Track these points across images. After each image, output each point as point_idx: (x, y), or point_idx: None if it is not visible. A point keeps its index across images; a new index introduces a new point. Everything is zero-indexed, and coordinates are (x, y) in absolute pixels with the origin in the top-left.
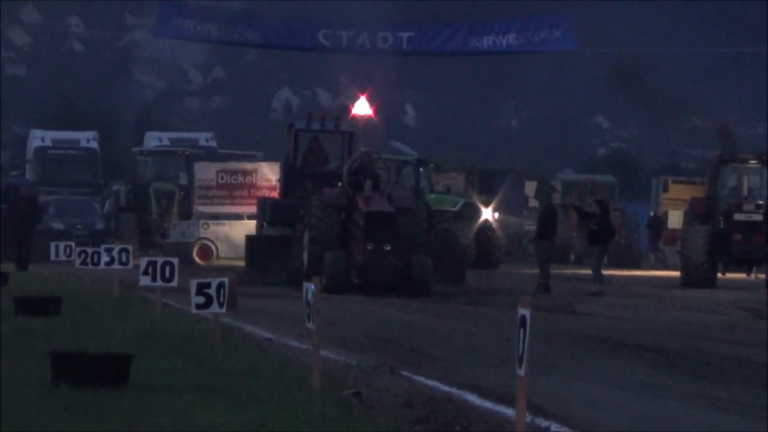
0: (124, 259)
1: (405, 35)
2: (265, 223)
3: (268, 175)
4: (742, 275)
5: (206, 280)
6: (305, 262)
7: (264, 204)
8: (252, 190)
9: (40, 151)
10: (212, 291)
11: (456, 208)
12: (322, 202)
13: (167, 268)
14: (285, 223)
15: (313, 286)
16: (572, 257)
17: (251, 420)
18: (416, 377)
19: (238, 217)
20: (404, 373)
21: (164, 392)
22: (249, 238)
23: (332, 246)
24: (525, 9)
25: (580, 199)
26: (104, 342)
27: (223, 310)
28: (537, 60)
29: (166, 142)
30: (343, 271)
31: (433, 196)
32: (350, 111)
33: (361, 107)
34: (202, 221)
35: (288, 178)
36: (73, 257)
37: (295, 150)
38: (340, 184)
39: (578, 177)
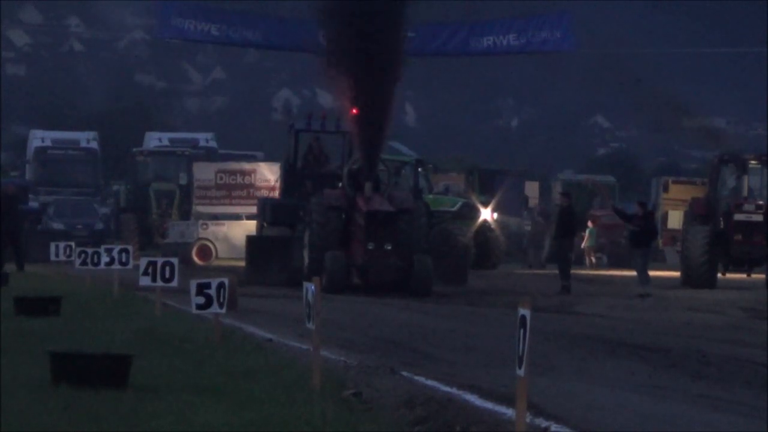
0: (124, 260)
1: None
2: (265, 224)
3: (267, 175)
4: (742, 275)
5: (206, 281)
6: (306, 263)
7: (264, 204)
8: (251, 191)
9: (40, 151)
10: (212, 291)
11: (455, 209)
12: (322, 203)
13: (167, 269)
14: (285, 223)
15: (313, 286)
16: (572, 257)
17: (251, 420)
18: (416, 377)
19: (237, 217)
20: (404, 373)
21: (164, 392)
22: (249, 239)
23: (333, 246)
24: (525, 9)
25: (581, 200)
26: (104, 342)
27: (223, 310)
28: (537, 60)
29: (166, 143)
30: (344, 271)
31: (431, 196)
32: (351, 111)
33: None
34: (201, 221)
35: (288, 179)
36: (73, 257)
37: (295, 150)
38: (340, 184)
39: (578, 177)
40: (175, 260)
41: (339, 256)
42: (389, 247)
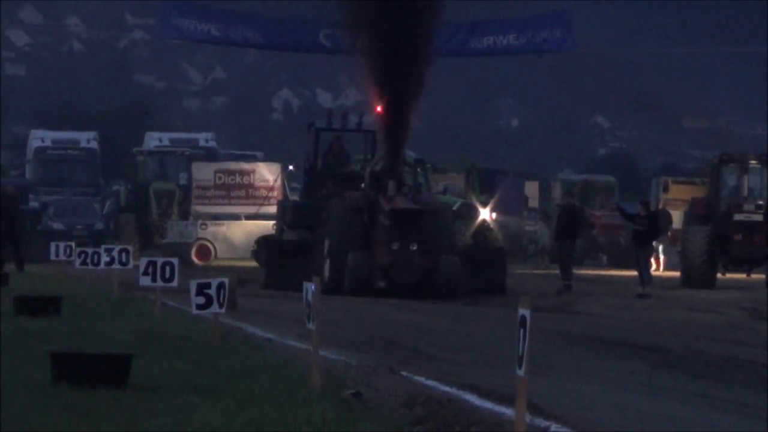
0: (124, 260)
1: None
2: (285, 227)
3: (266, 175)
4: (742, 275)
5: (206, 281)
6: (327, 266)
7: (284, 207)
8: (250, 191)
9: (40, 151)
10: (212, 291)
11: (454, 209)
12: (342, 204)
13: (167, 269)
14: (306, 226)
15: (313, 286)
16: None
17: (251, 420)
18: (416, 377)
19: (236, 217)
20: (404, 373)
21: (164, 392)
22: (268, 243)
23: (355, 249)
24: (525, 9)
25: (580, 200)
26: (104, 342)
27: (223, 310)
28: (537, 60)
29: (166, 143)
30: (367, 272)
31: None
32: (375, 109)
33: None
34: (200, 221)
35: (309, 180)
36: (73, 257)
37: (315, 150)
38: (363, 186)
39: (578, 177)
40: (175, 260)
41: (362, 256)
42: (414, 248)
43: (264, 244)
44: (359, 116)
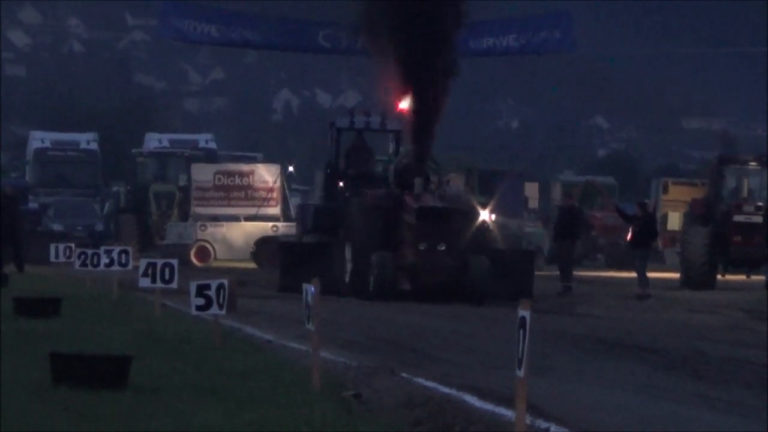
0: (123, 261)
1: None
2: (305, 231)
3: (266, 176)
4: (742, 276)
5: (206, 282)
6: (348, 269)
7: (304, 210)
8: (249, 192)
9: (40, 152)
10: (212, 293)
11: None
12: (364, 204)
13: (167, 270)
14: (327, 229)
15: (312, 288)
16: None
17: (251, 421)
18: (416, 378)
19: (235, 218)
20: (404, 374)
21: (164, 393)
22: (283, 246)
23: (378, 249)
24: (525, 9)
25: (580, 201)
26: (104, 343)
27: (223, 311)
28: (537, 60)
29: (165, 144)
30: (392, 273)
31: None
32: (396, 106)
33: (408, 103)
34: (199, 223)
35: (330, 181)
36: (72, 259)
37: (337, 150)
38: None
39: (578, 178)
40: (174, 261)
41: (386, 256)
42: (443, 248)
43: (281, 246)
44: (381, 115)
